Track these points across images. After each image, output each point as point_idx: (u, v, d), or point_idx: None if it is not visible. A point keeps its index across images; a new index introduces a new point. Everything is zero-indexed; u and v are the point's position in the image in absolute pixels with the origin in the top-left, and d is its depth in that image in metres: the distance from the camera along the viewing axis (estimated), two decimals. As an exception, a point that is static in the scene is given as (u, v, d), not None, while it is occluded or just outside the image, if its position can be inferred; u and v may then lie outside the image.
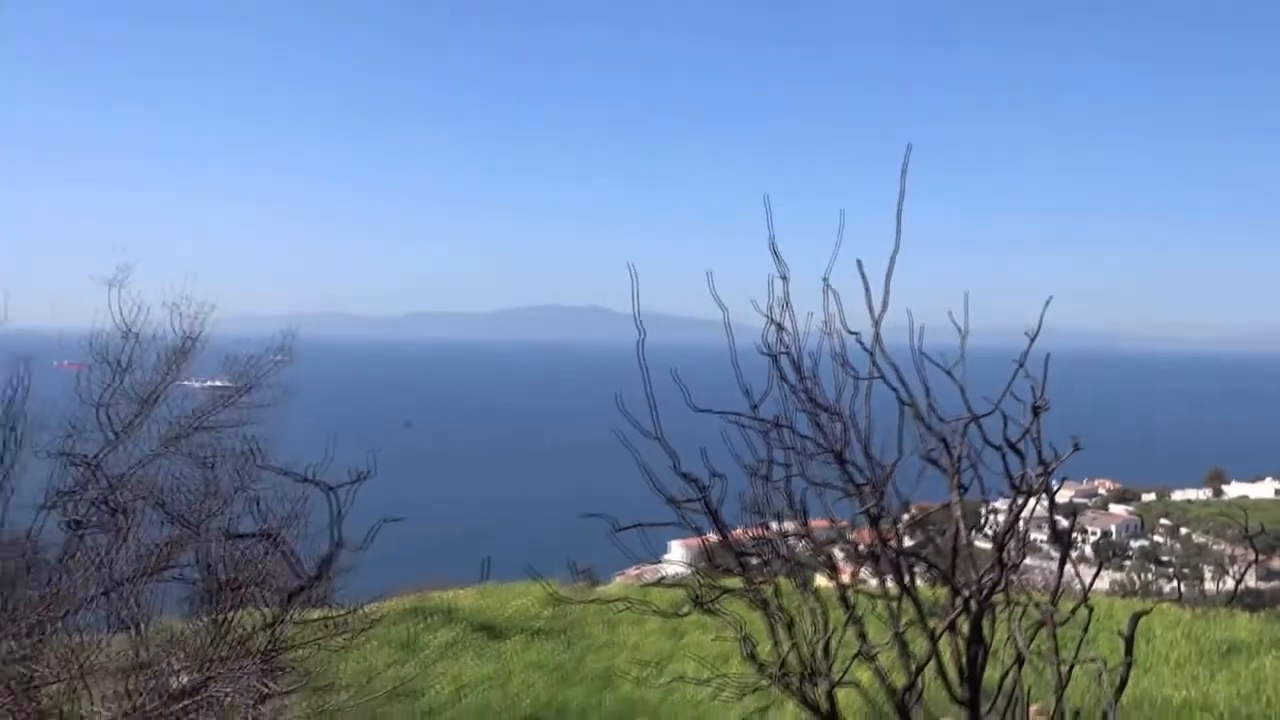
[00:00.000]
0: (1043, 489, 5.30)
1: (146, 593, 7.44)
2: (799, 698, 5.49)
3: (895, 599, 5.46)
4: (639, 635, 13.36)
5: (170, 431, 8.88)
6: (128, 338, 8.55)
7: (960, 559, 5.36)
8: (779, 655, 5.55)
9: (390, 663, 11.08)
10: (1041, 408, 5.32)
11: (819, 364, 5.55)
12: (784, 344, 5.60)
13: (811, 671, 5.54)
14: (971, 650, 5.40)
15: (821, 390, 5.63)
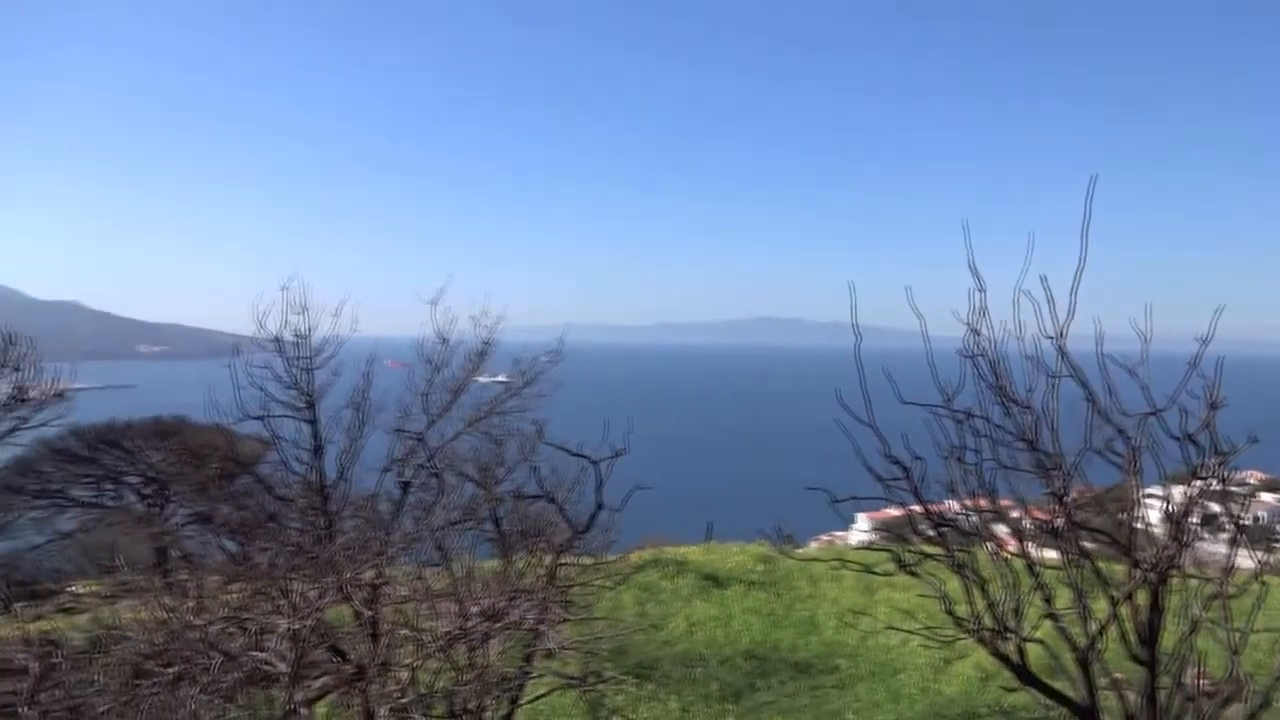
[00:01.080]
0: (1220, 476, 5.92)
1: (455, 537, 9.42)
2: (991, 650, 6.39)
3: (1077, 569, 6.24)
4: (838, 590, 15.30)
5: (472, 416, 11.04)
6: (443, 343, 10.76)
7: (1138, 536, 6.08)
8: (973, 613, 6.48)
9: (636, 602, 13.07)
10: (1218, 405, 5.95)
11: (1009, 366, 6.43)
12: (980, 347, 6.52)
13: (1004, 628, 6.42)
14: (1151, 616, 6.10)
15: (1014, 387, 6.52)
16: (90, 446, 26.91)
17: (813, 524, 35.81)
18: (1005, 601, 6.50)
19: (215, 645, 4.36)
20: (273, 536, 8.10)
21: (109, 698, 4.63)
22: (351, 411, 10.71)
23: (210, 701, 4.23)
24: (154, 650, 4.74)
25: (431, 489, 10.32)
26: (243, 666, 4.35)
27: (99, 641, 11.74)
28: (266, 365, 10.65)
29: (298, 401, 10.61)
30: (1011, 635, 6.42)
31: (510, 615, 6.22)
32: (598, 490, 8.59)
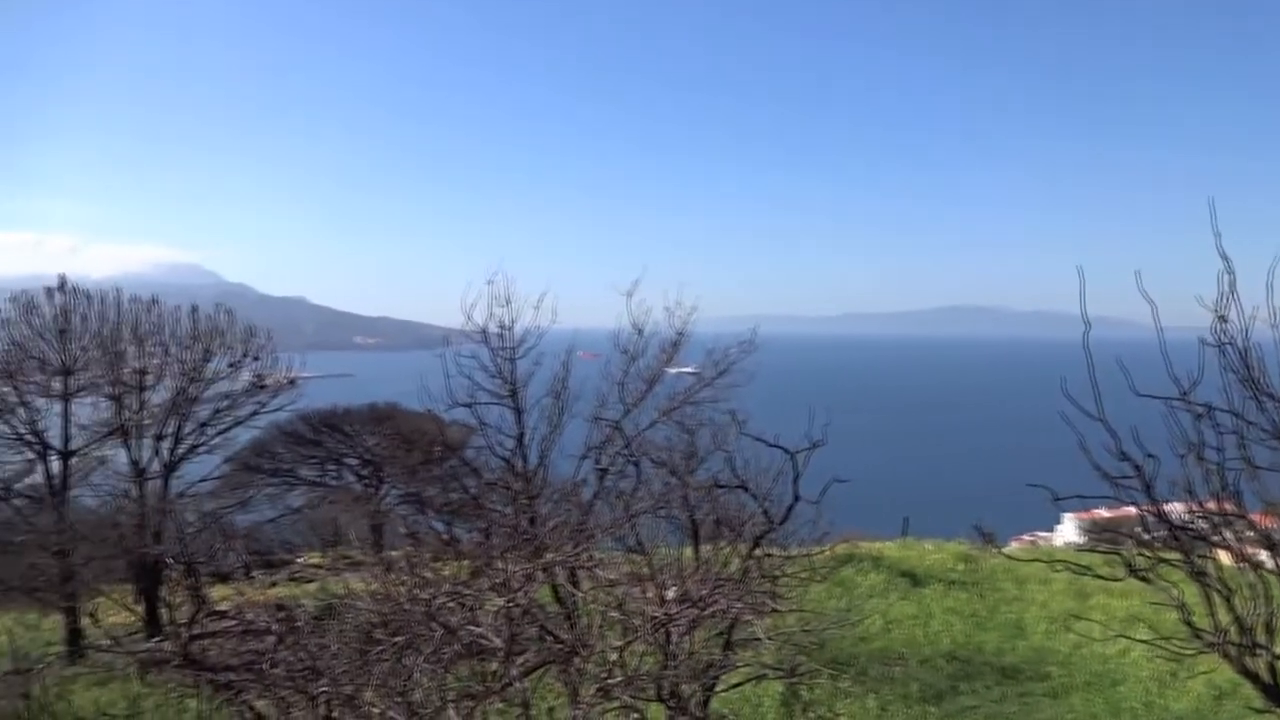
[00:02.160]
0: None
1: (651, 525, 9.56)
2: (1237, 667, 5.82)
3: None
4: (1046, 594, 14.39)
5: (666, 405, 11.16)
6: (638, 334, 10.94)
7: None
8: (1215, 625, 5.91)
9: (829, 597, 12.81)
10: None
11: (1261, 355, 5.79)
12: (1228, 334, 5.91)
13: (1253, 643, 5.83)
14: None
15: (1267, 379, 5.88)
16: (315, 430, 29.30)
17: (1012, 523, 34.09)
18: (1254, 614, 5.91)
19: (436, 618, 4.63)
20: (483, 517, 8.51)
21: (342, 661, 5.00)
22: (551, 400, 11.11)
23: (432, 671, 4.49)
24: (381, 620, 5.11)
25: (628, 476, 10.53)
26: (461, 639, 4.59)
27: (331, 609, 12.78)
28: (473, 355, 11.22)
29: (502, 390, 11.11)
30: (1262, 651, 5.84)
31: (717, 603, 6.14)
32: (794, 482, 8.45)
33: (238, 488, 26.58)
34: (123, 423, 14.03)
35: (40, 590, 12.98)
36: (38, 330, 13.58)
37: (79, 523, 13.44)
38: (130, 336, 14.00)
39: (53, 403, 13.86)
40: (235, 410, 15.02)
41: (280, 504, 29.22)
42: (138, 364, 14.12)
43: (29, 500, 14.11)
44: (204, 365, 14.44)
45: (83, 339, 13.76)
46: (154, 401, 14.43)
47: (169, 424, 14.32)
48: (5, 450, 13.77)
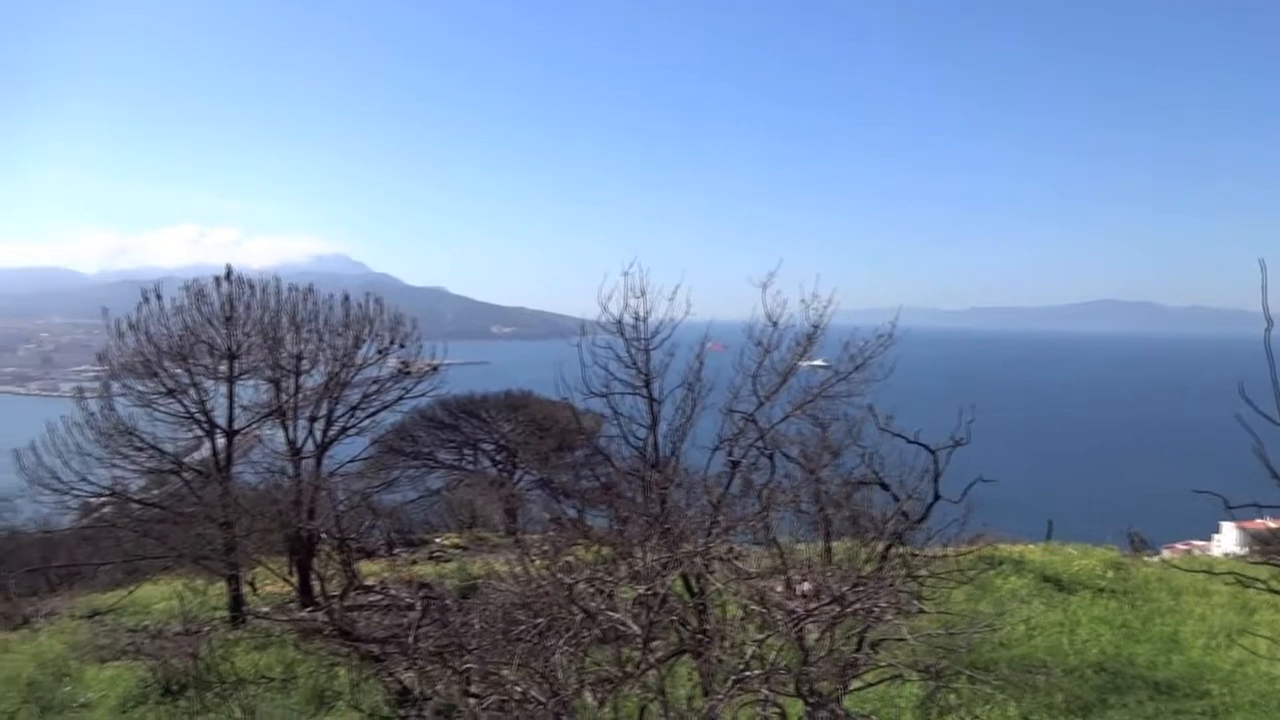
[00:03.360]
0: None
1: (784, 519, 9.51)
2: None
3: None
4: (1206, 606, 13.48)
5: (800, 399, 11.04)
6: (772, 326, 10.86)
7: None
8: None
9: (967, 599, 12.38)
10: None
11: None
12: None
13: None
14: None
15: None
16: (453, 415, 30.38)
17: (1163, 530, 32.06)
18: None
19: (577, 602, 4.75)
20: (618, 505, 8.65)
21: (484, 638, 5.20)
22: (684, 391, 11.16)
23: (572, 653, 4.61)
24: (523, 601, 5.28)
25: (760, 469, 10.48)
26: (600, 624, 4.69)
27: (471, 588, 13.31)
28: (608, 345, 11.39)
29: (636, 380, 11.24)
30: None
31: (859, 601, 6.04)
32: (935, 480, 8.24)
33: (382, 469, 27.87)
34: (281, 405, 14.94)
35: (207, 559, 13.98)
36: (207, 317, 14.57)
37: (241, 497, 14.39)
38: (288, 323, 14.88)
39: (219, 384, 14.87)
40: (382, 395, 15.75)
41: (420, 486, 30.50)
42: (295, 349, 14.99)
43: (197, 474, 15.19)
44: (354, 351, 15.20)
45: (246, 325, 14.70)
46: (309, 385, 15.30)
47: (322, 407, 15.17)
48: (178, 427, 14.86)
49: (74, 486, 14.29)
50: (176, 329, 14.45)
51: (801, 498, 10.83)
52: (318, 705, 10.40)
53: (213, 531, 13.55)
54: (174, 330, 14.46)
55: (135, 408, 14.53)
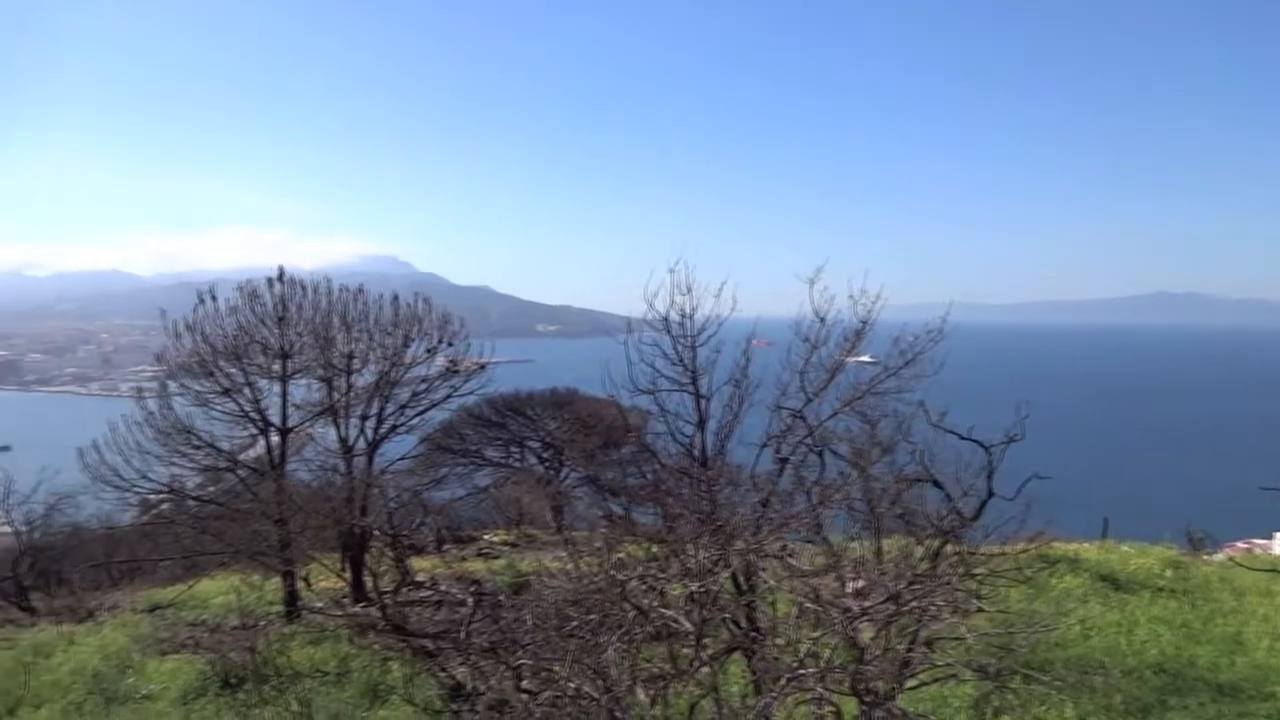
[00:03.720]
0: None
1: (834, 516, 9.43)
2: None
3: None
4: (1270, 607, 13.15)
5: (849, 395, 10.94)
6: (820, 322, 10.77)
7: None
8: None
9: (1022, 598, 12.16)
10: None
11: None
12: None
13: None
14: None
15: None
16: (500, 413, 30.62)
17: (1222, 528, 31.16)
18: None
19: (629, 599, 4.76)
20: (666, 502, 8.63)
21: (536, 634, 5.24)
22: (731, 388, 11.11)
23: (624, 650, 4.62)
24: (575, 598, 5.31)
25: (809, 467, 10.41)
26: (652, 621, 4.70)
27: (522, 584, 13.43)
28: (655, 343, 11.38)
29: (682, 377, 11.22)
30: None
31: (913, 600, 5.93)
32: (989, 477, 8.11)
33: (431, 467, 28.16)
34: (332, 403, 15.18)
35: (263, 554, 14.27)
36: (260, 317, 14.86)
37: (295, 494, 14.66)
38: (339, 323, 15.12)
39: (273, 383, 15.15)
40: (431, 393, 15.94)
41: (468, 483, 30.80)
42: (346, 349, 15.23)
43: (252, 471, 15.50)
44: (404, 350, 15.40)
45: (298, 325, 14.96)
46: (359, 384, 15.52)
47: (372, 405, 15.39)
48: (233, 426, 15.18)
49: (135, 484, 14.68)
50: (231, 329, 14.75)
51: (852, 495, 10.74)
52: (372, 699, 10.56)
53: (268, 528, 13.82)
54: (229, 331, 14.76)
55: (192, 407, 14.87)
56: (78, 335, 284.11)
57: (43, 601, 19.97)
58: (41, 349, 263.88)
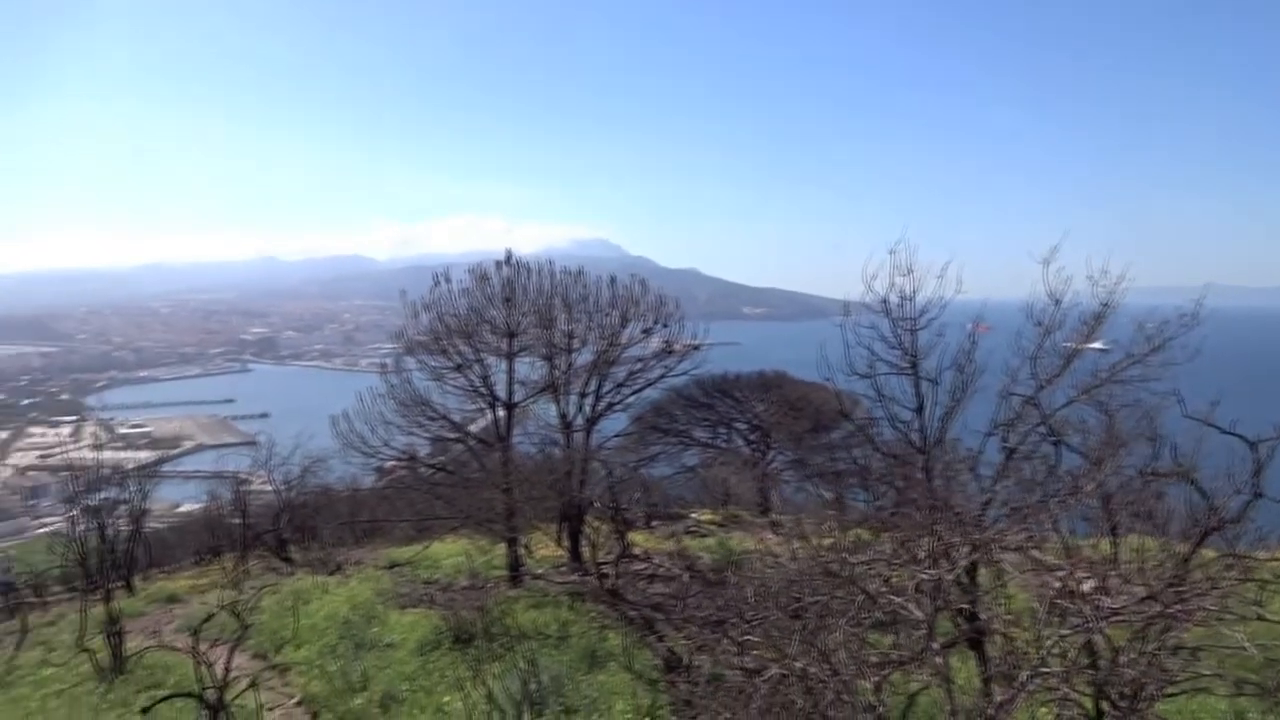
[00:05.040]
0: None
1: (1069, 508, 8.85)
2: None
3: None
4: None
5: (1086, 383, 10.23)
6: (1054, 304, 10.13)
7: None
8: None
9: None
10: None
11: None
12: None
13: None
14: None
15: None
16: (708, 394, 30.92)
17: None
18: None
19: (857, 583, 4.72)
20: (908, 488, 8.41)
21: (766, 613, 5.29)
22: (954, 373, 10.68)
23: (852, 634, 4.59)
24: (801, 579, 5.32)
25: (1038, 457, 9.84)
26: (881, 607, 4.64)
27: (734, 564, 13.59)
28: (872, 325, 11.11)
29: (901, 361, 10.90)
30: None
31: (1179, 602, 5.48)
32: (1255, 475, 7.36)
33: (642, 445, 28.87)
34: (554, 380, 15.90)
35: (490, 521, 15.20)
36: (489, 298, 15.76)
37: (519, 466, 15.51)
38: (561, 304, 15.79)
39: (500, 361, 16.05)
40: (646, 373, 16.35)
41: (676, 462, 31.38)
42: (566, 328, 15.90)
43: (480, 443, 16.52)
44: (620, 331, 15.88)
45: (523, 306, 15.75)
46: (578, 362, 16.17)
47: (590, 383, 16.00)
48: (464, 400, 16.23)
49: (378, 451, 16.02)
50: (463, 309, 15.73)
51: (1087, 488, 10.04)
52: (590, 663, 11.02)
53: (495, 496, 14.69)
54: (460, 310, 15.75)
55: (428, 381, 16.02)
56: (324, 314, 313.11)
57: (299, 553, 22.26)
58: (293, 327, 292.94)
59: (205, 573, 21.47)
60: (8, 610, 19.52)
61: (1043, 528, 8.17)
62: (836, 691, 4.24)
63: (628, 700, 9.43)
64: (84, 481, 21.92)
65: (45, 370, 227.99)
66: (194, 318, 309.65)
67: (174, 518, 48.55)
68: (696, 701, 6.27)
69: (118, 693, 11.75)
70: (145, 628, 15.21)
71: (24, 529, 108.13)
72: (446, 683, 10.85)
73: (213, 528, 27.06)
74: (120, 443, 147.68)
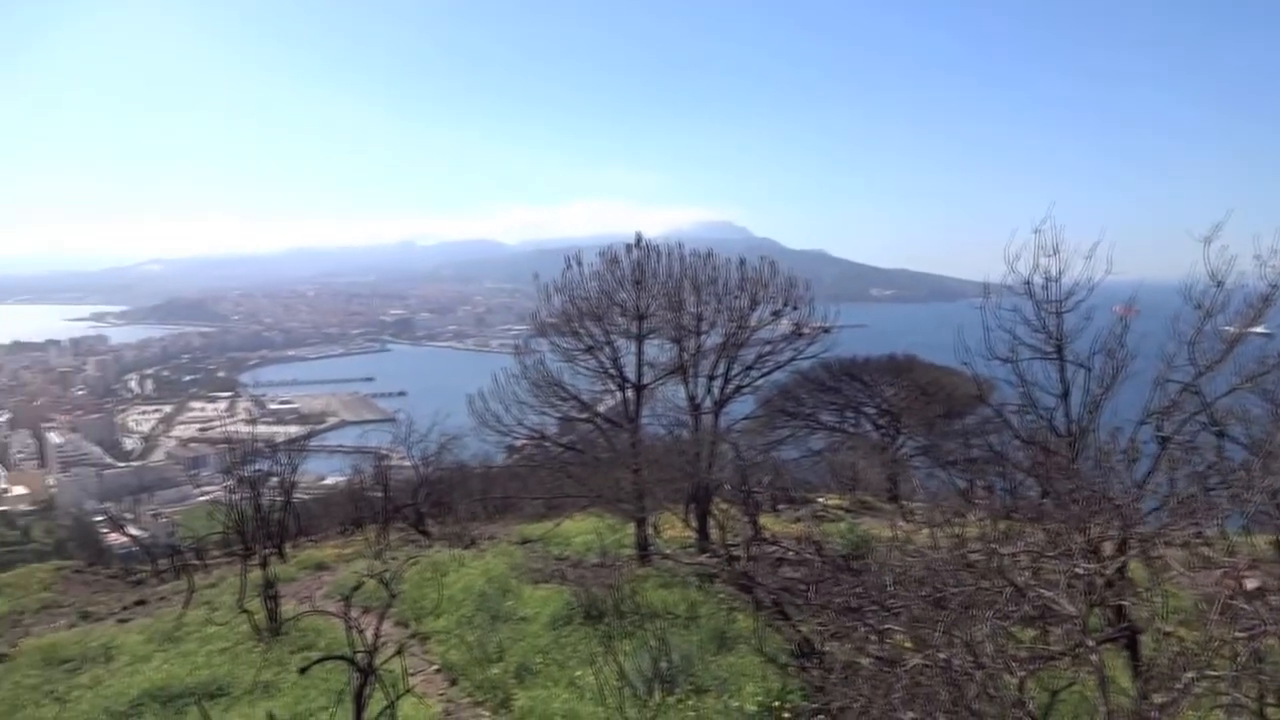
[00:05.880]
0: None
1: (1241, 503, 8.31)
2: None
3: None
4: None
5: (1252, 370, 9.58)
6: (1216, 286, 9.51)
7: None
8: None
9: None
10: None
11: None
12: None
13: None
14: None
15: None
16: (835, 377, 30.45)
17: None
18: None
19: (1005, 574, 4.58)
20: (1062, 476, 8.07)
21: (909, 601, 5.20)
22: (1103, 357, 10.20)
23: (999, 627, 4.46)
24: (940, 568, 5.20)
25: (1196, 448, 9.28)
26: (1031, 601, 4.49)
27: (865, 551, 13.42)
28: (1014, 308, 10.72)
29: (1045, 345, 10.48)
30: None
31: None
32: None
33: (768, 428, 28.71)
34: (682, 363, 15.98)
35: (620, 501, 15.44)
36: (618, 281, 15.93)
37: (649, 447, 15.68)
38: (690, 287, 15.81)
39: (629, 343, 16.23)
40: (775, 356, 16.22)
41: (802, 446, 31.07)
42: (695, 310, 15.92)
43: (610, 424, 16.78)
44: (749, 313, 15.79)
45: (652, 289, 15.85)
46: (707, 345, 16.18)
47: (719, 366, 16.00)
48: (594, 381, 16.51)
49: (512, 429, 16.49)
50: (593, 292, 15.97)
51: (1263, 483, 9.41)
52: (719, 644, 11.10)
53: (625, 476, 14.90)
54: (591, 293, 15.99)
55: (559, 363, 16.37)
56: (457, 297, 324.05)
57: (436, 527, 23.21)
58: (429, 309, 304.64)
59: (349, 543, 22.64)
60: (174, 571, 21.13)
61: (1210, 523, 7.74)
62: (981, 685, 4.14)
63: (758, 683, 9.45)
64: (239, 454, 23.46)
65: (204, 349, 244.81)
66: (337, 300, 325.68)
67: (319, 489, 51.35)
68: (830, 687, 6.23)
69: (274, 652, 12.56)
70: (297, 593, 16.18)
71: (186, 497, 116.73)
72: (578, 657, 11.13)
73: (355, 500, 28.52)
74: (270, 417, 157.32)
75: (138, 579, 21.80)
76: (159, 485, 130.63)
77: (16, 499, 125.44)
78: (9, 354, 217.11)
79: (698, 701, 9.27)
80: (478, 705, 10.51)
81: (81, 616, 16.99)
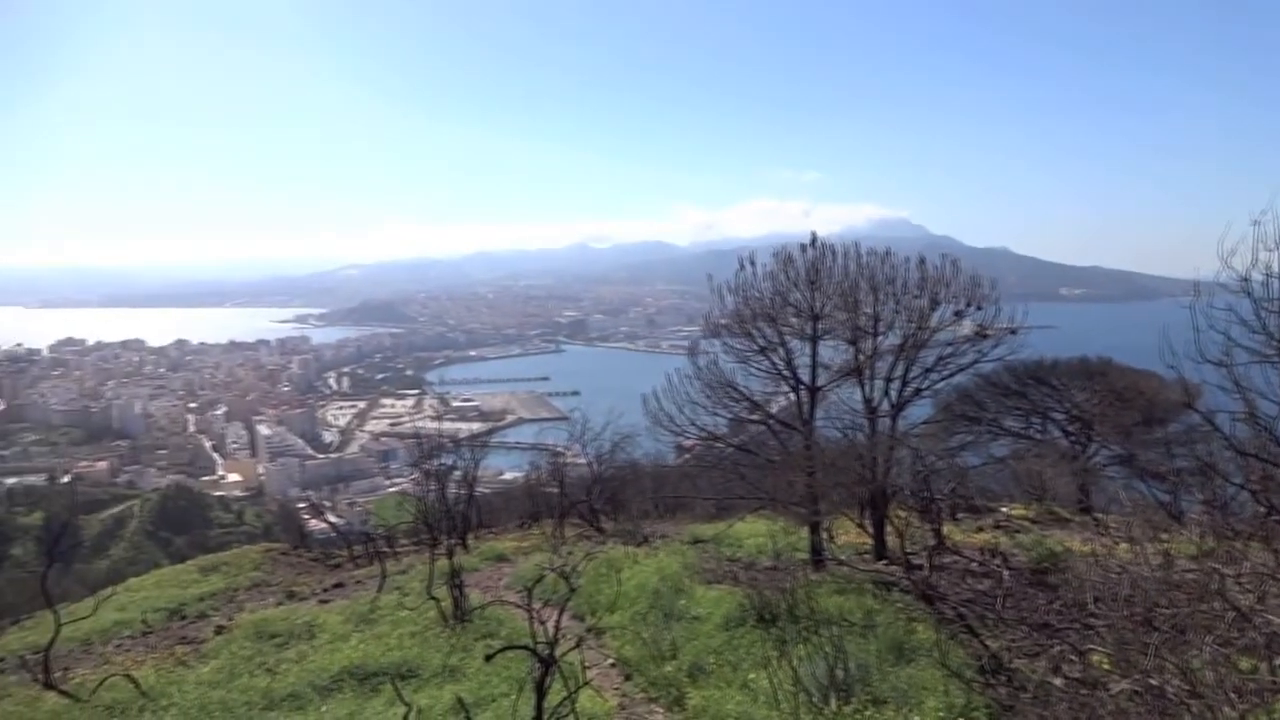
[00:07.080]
0: None
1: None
2: None
3: None
4: None
5: None
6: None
7: None
8: None
9: None
10: None
11: None
12: None
13: None
14: None
15: None
16: (1020, 381, 28.91)
17: None
18: None
19: (1226, 597, 4.21)
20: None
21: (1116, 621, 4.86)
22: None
23: (1219, 654, 4.10)
24: (1146, 585, 4.83)
25: None
26: (1258, 628, 4.10)
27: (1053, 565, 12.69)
28: (1229, 307, 9.85)
29: (1266, 348, 9.56)
30: None
31: None
32: None
33: (947, 433, 27.59)
34: (858, 364, 15.59)
35: (793, 504, 15.26)
36: (793, 281, 15.73)
37: (823, 450, 15.40)
38: (866, 287, 15.42)
39: (803, 344, 16.00)
40: (957, 358, 15.57)
41: (983, 452, 29.66)
42: (872, 311, 15.50)
43: (783, 426, 16.60)
44: (930, 313, 15.22)
45: (827, 289, 15.56)
46: (884, 346, 15.72)
47: (897, 368, 15.50)
48: (766, 382, 16.38)
49: (684, 430, 16.61)
50: (767, 292, 15.84)
51: None
52: (897, 655, 10.75)
53: (798, 479, 14.70)
54: (765, 293, 15.87)
55: (732, 364, 16.34)
56: (628, 299, 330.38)
57: (609, 524, 23.70)
58: (601, 310, 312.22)
59: (526, 536, 23.47)
60: (368, 557, 22.57)
61: None
62: (1199, 716, 3.80)
63: (939, 698, 9.09)
64: (426, 448, 24.75)
65: (394, 349, 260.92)
66: (515, 302, 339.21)
67: (498, 484, 53.56)
68: (1021, 707, 5.92)
69: (460, 638, 13.15)
70: (479, 582, 16.91)
71: (378, 487, 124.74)
72: (752, 659, 11.05)
73: (532, 495, 29.58)
74: (454, 414, 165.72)
75: (336, 563, 23.45)
76: (354, 476, 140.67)
77: (231, 485, 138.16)
78: (225, 352, 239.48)
79: (875, 713, 9.00)
80: (652, 701, 10.63)
81: (288, 595, 18.43)
